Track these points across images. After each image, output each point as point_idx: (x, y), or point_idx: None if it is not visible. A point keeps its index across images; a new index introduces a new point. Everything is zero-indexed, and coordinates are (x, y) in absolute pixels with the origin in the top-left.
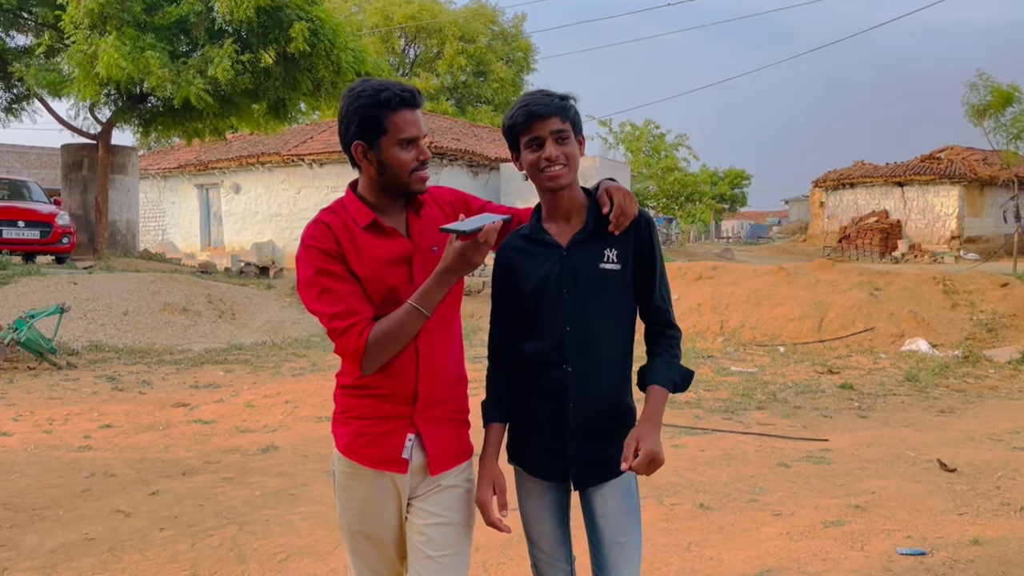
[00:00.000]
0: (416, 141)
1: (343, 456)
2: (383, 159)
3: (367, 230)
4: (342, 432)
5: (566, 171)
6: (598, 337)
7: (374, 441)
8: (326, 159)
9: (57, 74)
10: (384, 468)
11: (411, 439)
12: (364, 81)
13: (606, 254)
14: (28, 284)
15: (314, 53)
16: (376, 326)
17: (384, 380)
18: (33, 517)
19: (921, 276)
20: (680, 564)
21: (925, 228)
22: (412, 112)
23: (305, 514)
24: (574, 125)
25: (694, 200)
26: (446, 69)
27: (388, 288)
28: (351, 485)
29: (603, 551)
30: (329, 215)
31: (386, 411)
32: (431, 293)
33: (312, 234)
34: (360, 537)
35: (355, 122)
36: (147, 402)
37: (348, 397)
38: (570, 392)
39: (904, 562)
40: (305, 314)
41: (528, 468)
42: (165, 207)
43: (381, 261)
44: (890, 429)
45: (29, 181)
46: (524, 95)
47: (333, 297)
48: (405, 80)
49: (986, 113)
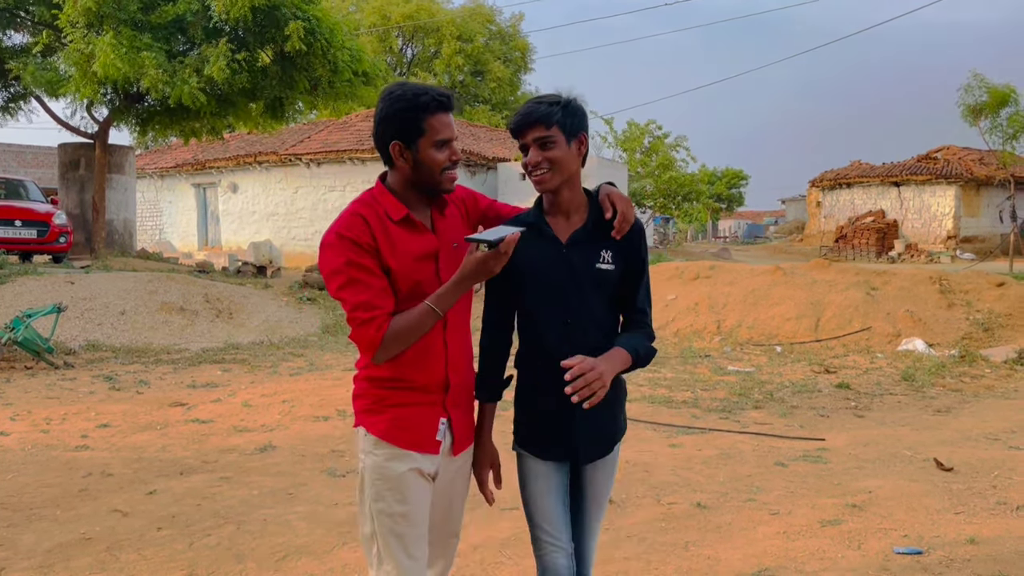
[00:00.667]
0: (450, 143)
1: (382, 441)
2: (419, 159)
3: (399, 224)
4: (377, 420)
5: (550, 175)
6: (595, 329)
7: (412, 426)
8: (323, 159)
9: (54, 73)
10: (420, 450)
11: (444, 422)
12: (401, 84)
13: (603, 255)
14: (25, 283)
15: (311, 52)
16: (393, 322)
17: (419, 373)
18: (30, 516)
19: (917, 276)
20: (677, 563)
21: (921, 228)
22: (447, 115)
23: (303, 513)
24: (563, 128)
25: (691, 199)
26: (443, 69)
27: (415, 282)
28: (390, 467)
29: (585, 514)
30: (364, 207)
31: (422, 399)
32: (448, 296)
33: (349, 225)
34: (399, 519)
35: (394, 123)
36: (144, 402)
37: (382, 389)
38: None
39: (901, 561)
40: (303, 313)
41: (536, 452)
42: (162, 206)
43: (411, 255)
44: (887, 428)
45: (26, 180)
46: (527, 100)
47: (359, 288)
48: (402, 80)
49: (982, 113)
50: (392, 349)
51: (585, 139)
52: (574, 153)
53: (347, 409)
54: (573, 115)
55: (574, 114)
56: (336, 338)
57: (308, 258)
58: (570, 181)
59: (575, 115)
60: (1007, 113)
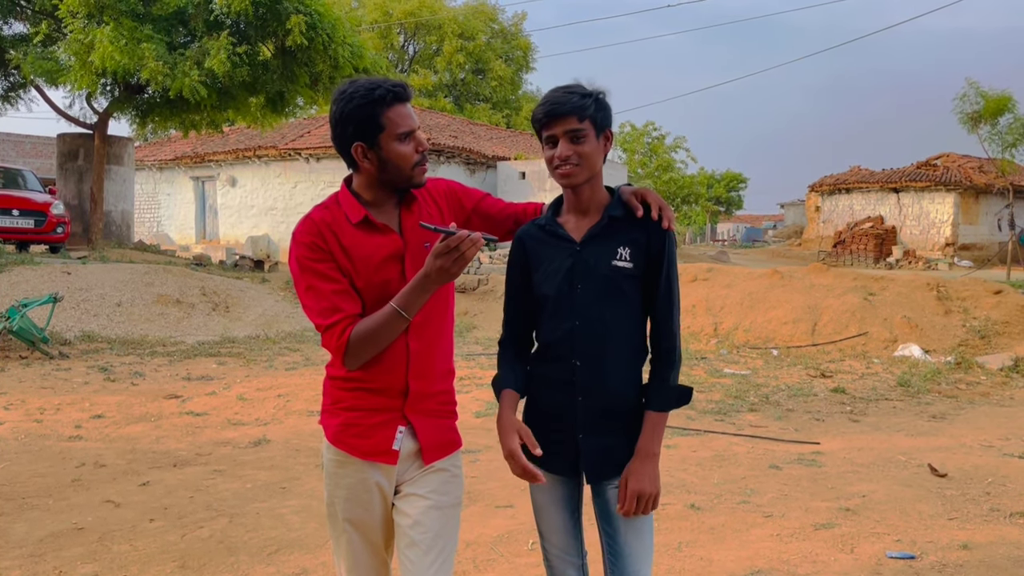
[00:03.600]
0: (413, 134)
1: (332, 445)
2: (384, 156)
3: (358, 227)
4: (331, 423)
5: (578, 170)
6: (607, 333)
7: (365, 432)
8: (323, 153)
9: (54, 63)
10: (374, 459)
11: (402, 431)
12: (351, 82)
13: (619, 252)
14: (21, 273)
15: (312, 47)
16: (358, 326)
17: (376, 375)
18: (22, 506)
19: (915, 282)
20: (670, 564)
21: (920, 234)
22: (405, 106)
23: (296, 507)
24: (595, 123)
25: (690, 202)
26: (445, 66)
27: (381, 284)
28: (339, 473)
29: (619, 540)
30: (320, 211)
31: (377, 404)
32: (411, 297)
33: (301, 230)
34: (347, 524)
35: (351, 123)
36: (139, 393)
37: (339, 390)
38: (578, 386)
39: (893, 565)
40: (299, 308)
41: (538, 462)
42: (160, 199)
43: (373, 258)
44: (882, 433)
45: (24, 170)
46: (553, 89)
47: (317, 294)
48: (403, 77)
49: (979, 121)
50: (361, 354)
51: (611, 135)
52: (600, 149)
53: None
54: (603, 109)
55: (604, 108)
56: None
57: None
58: (594, 178)
59: (605, 109)
60: (1006, 121)
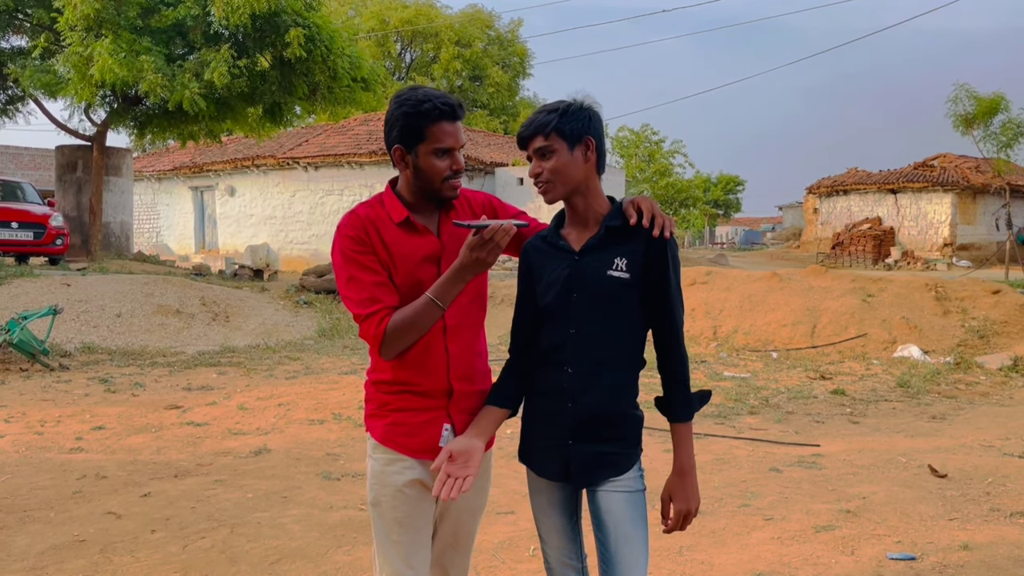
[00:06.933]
0: (452, 152)
1: (380, 444)
2: (419, 164)
3: (400, 227)
4: (378, 424)
5: (551, 185)
6: (601, 342)
7: (412, 431)
8: (321, 163)
9: (52, 76)
10: (422, 456)
11: (447, 429)
12: (412, 89)
13: (616, 262)
14: (21, 285)
15: (311, 58)
16: (395, 315)
17: (420, 378)
18: (24, 518)
19: (913, 283)
20: (671, 568)
21: (918, 235)
22: (452, 124)
23: (297, 517)
24: (563, 135)
25: (688, 205)
26: (442, 73)
27: (417, 283)
28: (386, 472)
29: (609, 547)
30: (365, 208)
31: (423, 404)
32: (446, 287)
33: (346, 223)
34: (395, 525)
35: (397, 127)
36: (140, 404)
37: (384, 394)
38: (568, 392)
39: (894, 567)
40: (299, 317)
41: (531, 466)
42: (159, 209)
43: (412, 258)
44: (882, 435)
45: (23, 182)
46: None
47: (358, 284)
48: (401, 84)
49: (973, 123)
50: (397, 344)
51: (592, 143)
52: (579, 160)
53: (343, 413)
54: (574, 119)
55: (575, 118)
56: (332, 342)
57: (305, 262)
58: (580, 189)
59: (576, 119)
60: (1000, 121)
